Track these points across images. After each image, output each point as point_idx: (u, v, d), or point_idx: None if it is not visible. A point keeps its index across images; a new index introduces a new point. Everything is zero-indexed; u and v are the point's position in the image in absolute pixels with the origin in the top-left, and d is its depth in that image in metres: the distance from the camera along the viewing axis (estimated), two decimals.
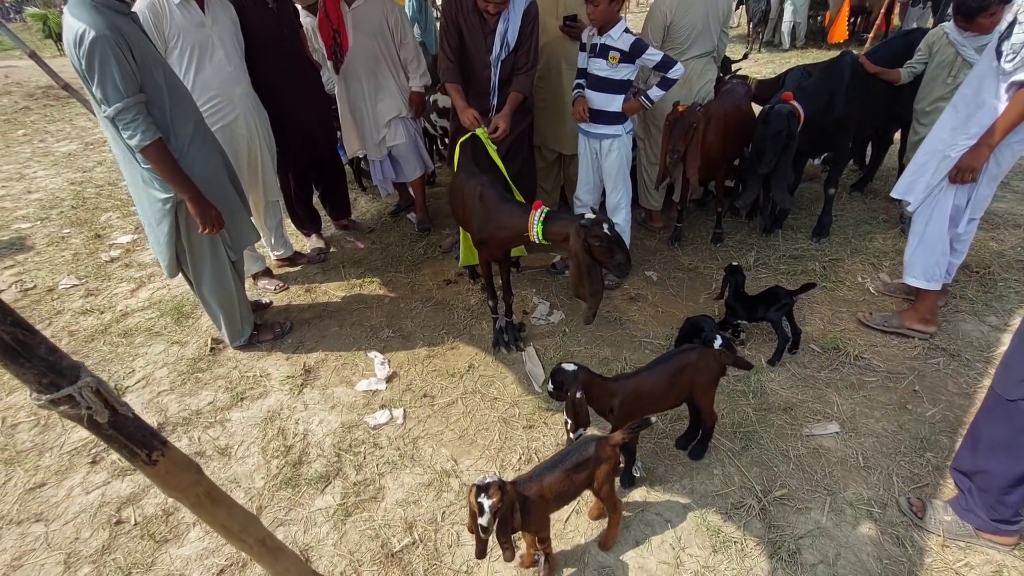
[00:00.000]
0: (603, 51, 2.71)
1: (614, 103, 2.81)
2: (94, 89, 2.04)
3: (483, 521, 1.46)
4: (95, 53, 1.96)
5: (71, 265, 3.99)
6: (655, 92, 2.77)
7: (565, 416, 1.84)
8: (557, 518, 1.97)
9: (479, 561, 1.81)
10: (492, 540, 1.54)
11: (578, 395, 1.75)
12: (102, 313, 3.40)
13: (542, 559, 1.78)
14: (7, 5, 29.69)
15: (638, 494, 2.05)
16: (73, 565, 1.95)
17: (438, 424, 2.43)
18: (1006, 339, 2.63)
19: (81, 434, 2.49)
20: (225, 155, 2.68)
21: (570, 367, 1.80)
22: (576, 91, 2.94)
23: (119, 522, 2.09)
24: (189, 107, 2.39)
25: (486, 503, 1.46)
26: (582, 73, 2.90)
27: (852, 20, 9.19)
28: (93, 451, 2.40)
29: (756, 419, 2.31)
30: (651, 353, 2.73)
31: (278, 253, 3.70)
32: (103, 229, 4.53)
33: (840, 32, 9.08)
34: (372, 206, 4.61)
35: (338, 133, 4.06)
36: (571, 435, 1.84)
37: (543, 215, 2.13)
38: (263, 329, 3.03)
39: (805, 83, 3.11)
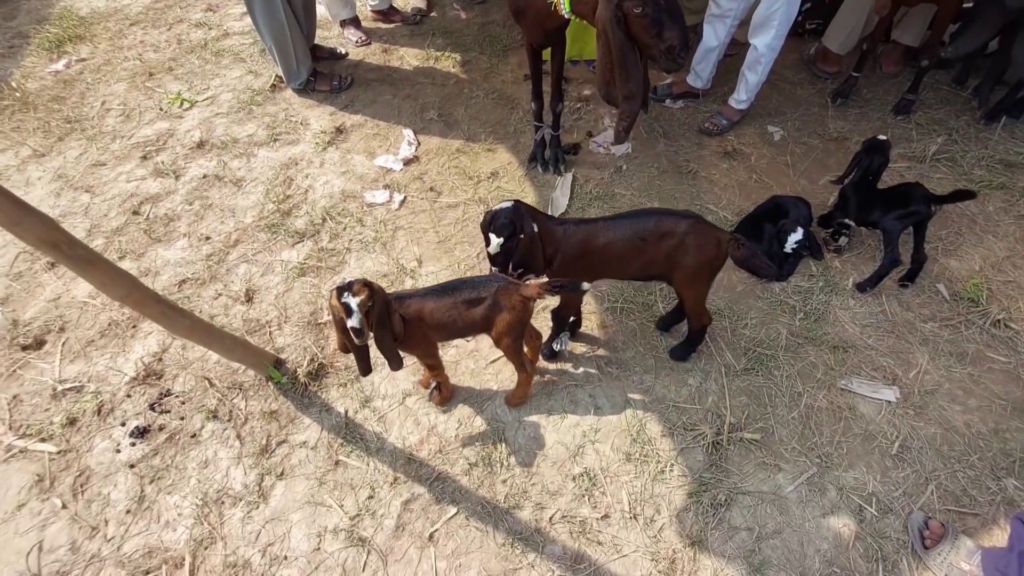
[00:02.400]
0: None
1: None
2: None
3: (354, 322, 1.24)
4: None
5: None
6: None
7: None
8: (473, 353, 1.75)
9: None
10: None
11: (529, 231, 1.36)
12: (210, 29, 3.48)
13: (434, 384, 1.61)
14: None
15: (585, 366, 1.72)
16: (92, 234, 2.22)
17: (427, 221, 2.21)
18: None
19: (147, 132, 2.71)
20: None
21: (507, 204, 1.37)
22: None
23: (136, 212, 2.30)
24: None
25: (353, 302, 1.23)
26: None
27: None
28: (148, 149, 2.60)
29: (785, 344, 1.73)
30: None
31: (373, 3, 3.37)
32: None
33: None
34: None
35: None
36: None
37: None
38: (322, 78, 2.88)
39: None
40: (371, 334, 1.28)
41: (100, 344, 1.86)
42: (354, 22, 3.29)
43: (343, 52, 3.16)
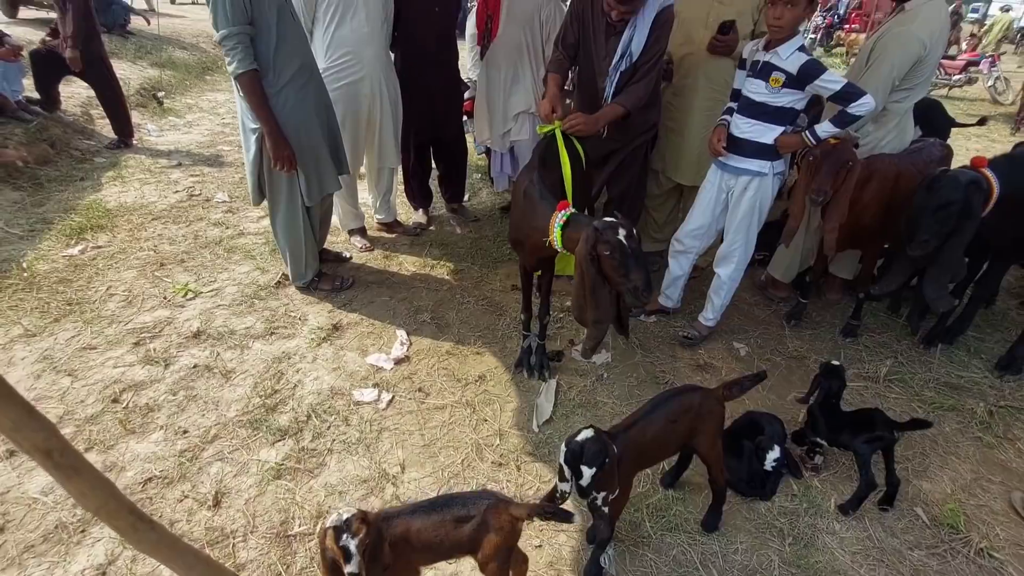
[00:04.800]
0: (765, 70, 2.17)
1: (767, 134, 2.24)
2: (209, 14, 2.23)
3: (352, 568, 1.17)
4: None
5: (233, 185, 4.62)
6: (825, 128, 2.17)
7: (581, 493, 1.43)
8: None
9: None
10: None
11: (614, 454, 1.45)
12: (226, 228, 3.84)
13: None
14: None
15: None
16: (64, 421, 2.15)
17: (414, 423, 2.22)
18: None
19: (145, 318, 2.80)
20: (329, 108, 2.78)
21: (588, 433, 1.42)
22: (723, 116, 2.42)
23: (115, 400, 2.26)
24: (297, 54, 2.51)
25: (353, 544, 1.18)
26: (735, 95, 2.38)
27: None
28: (143, 335, 2.67)
29: (779, 574, 1.67)
30: None
31: (379, 217, 3.83)
32: None
33: None
34: (491, 198, 4.57)
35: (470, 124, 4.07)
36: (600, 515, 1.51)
37: (566, 217, 1.79)
38: (325, 278, 3.12)
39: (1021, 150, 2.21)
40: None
41: (40, 550, 1.68)
42: (361, 231, 3.70)
43: (348, 256, 3.49)
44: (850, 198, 2.27)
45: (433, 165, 4.01)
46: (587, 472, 1.37)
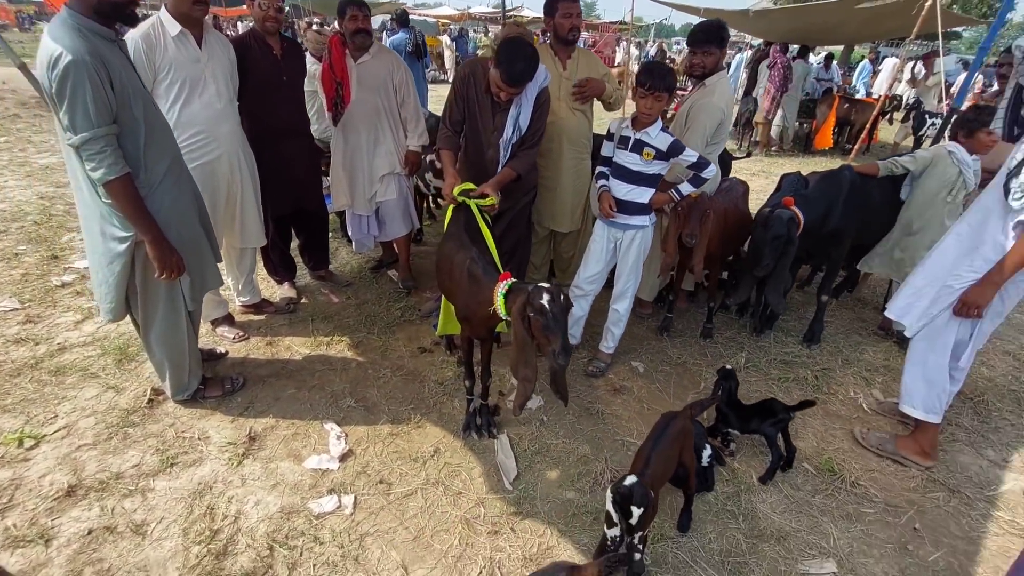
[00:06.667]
0: (637, 146, 2.60)
1: (644, 195, 2.69)
2: (62, 115, 1.87)
3: None
4: (68, 78, 1.80)
5: (17, 286, 3.68)
6: (686, 187, 2.71)
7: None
8: None
9: None
10: None
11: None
12: (37, 344, 3.08)
13: None
14: (24, 16, 30.56)
15: None
16: None
17: (392, 519, 2.14)
18: (1008, 477, 2.48)
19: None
20: (199, 196, 2.49)
21: (631, 479, 1.70)
22: (601, 183, 2.80)
23: None
24: (167, 144, 2.23)
25: None
26: (606, 161, 2.79)
27: (836, 130, 9.62)
28: None
29: (747, 548, 2.08)
30: (633, 454, 2.51)
31: (244, 299, 3.46)
32: (62, 250, 4.23)
33: (824, 140, 9.50)
34: (353, 259, 4.43)
35: (326, 183, 3.93)
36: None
37: (507, 287, 1.97)
38: (211, 384, 2.75)
39: (804, 191, 3.11)
40: None
41: None
42: (227, 320, 3.31)
43: (222, 351, 3.10)
44: None
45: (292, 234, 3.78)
46: (636, 512, 1.61)
